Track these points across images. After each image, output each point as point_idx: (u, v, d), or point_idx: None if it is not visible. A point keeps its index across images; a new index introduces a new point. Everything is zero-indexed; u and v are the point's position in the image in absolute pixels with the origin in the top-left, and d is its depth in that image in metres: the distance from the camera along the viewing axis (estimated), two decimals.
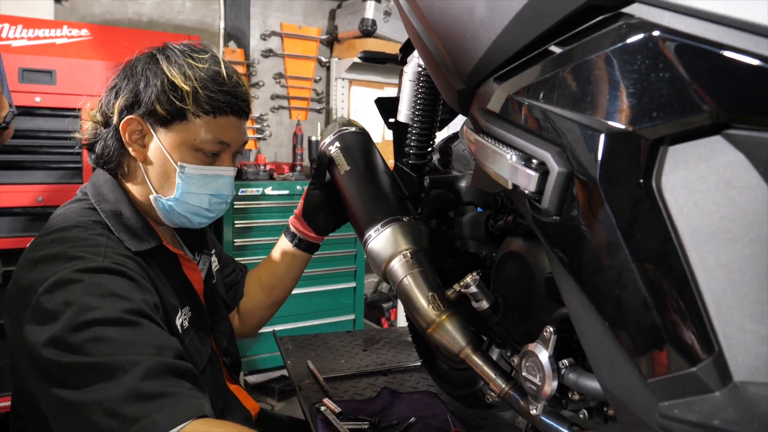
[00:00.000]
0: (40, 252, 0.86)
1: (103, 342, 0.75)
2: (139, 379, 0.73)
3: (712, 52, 0.43)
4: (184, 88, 0.92)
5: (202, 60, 0.96)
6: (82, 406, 0.72)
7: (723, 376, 0.42)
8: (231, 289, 1.31)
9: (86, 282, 0.80)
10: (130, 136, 0.96)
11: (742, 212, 0.43)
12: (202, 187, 0.98)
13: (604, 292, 0.50)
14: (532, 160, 0.56)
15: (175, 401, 0.73)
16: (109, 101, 0.98)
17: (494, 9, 0.61)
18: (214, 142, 0.97)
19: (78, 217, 0.92)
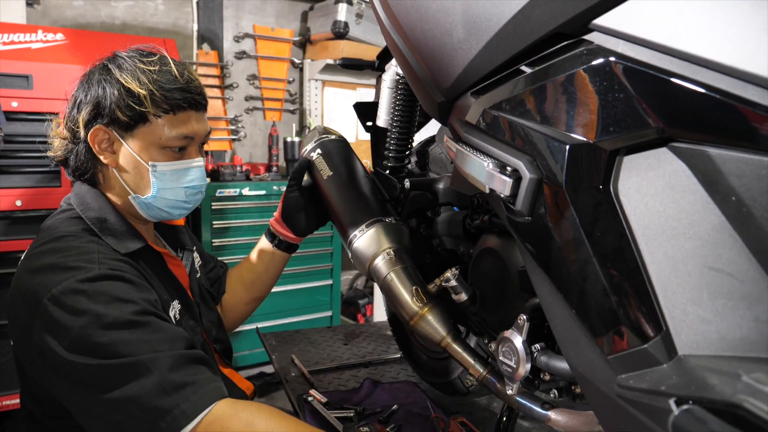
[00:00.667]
0: (38, 261, 0.91)
1: (121, 344, 0.82)
2: (162, 374, 0.80)
3: (658, 77, 0.51)
4: (140, 92, 0.96)
5: (151, 62, 1.00)
6: (114, 404, 0.80)
7: (669, 351, 0.50)
8: (214, 284, 1.36)
9: (90, 291, 0.85)
10: (99, 146, 1.00)
11: (685, 213, 0.51)
12: (176, 181, 1.03)
13: (570, 282, 0.58)
14: (507, 168, 0.63)
15: (197, 389, 0.82)
16: (73, 116, 1.01)
17: (471, 32, 0.68)
18: (179, 137, 1.01)
19: (67, 227, 0.97)
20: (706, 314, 0.49)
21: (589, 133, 0.56)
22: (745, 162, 0.46)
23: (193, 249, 1.25)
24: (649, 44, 0.52)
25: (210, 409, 0.81)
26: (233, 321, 1.38)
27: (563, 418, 0.76)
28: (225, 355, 1.26)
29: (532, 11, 0.60)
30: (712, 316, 0.49)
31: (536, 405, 0.78)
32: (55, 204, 2.20)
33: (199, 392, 0.82)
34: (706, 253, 0.50)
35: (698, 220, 0.50)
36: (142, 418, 0.79)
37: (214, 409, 0.82)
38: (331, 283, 3.17)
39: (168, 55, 1.05)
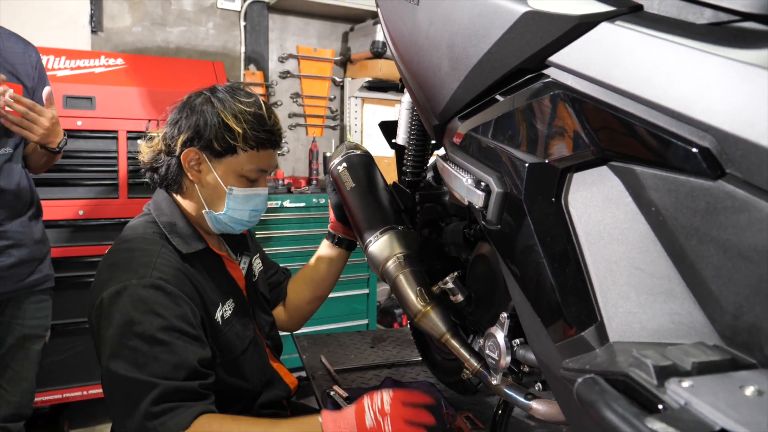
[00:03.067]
0: (113, 258, 1.12)
1: (138, 353, 1.00)
2: (151, 403, 0.98)
3: (597, 108, 0.60)
4: (236, 129, 1.13)
5: (248, 104, 1.16)
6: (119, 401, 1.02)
7: (602, 338, 0.59)
8: (274, 289, 1.52)
9: (135, 297, 1.03)
10: (188, 164, 1.17)
11: (619, 221, 0.60)
12: (245, 204, 1.20)
13: (528, 280, 0.68)
14: (481, 183, 0.74)
15: (175, 415, 0.99)
16: (172, 134, 1.17)
17: (454, 66, 0.79)
18: (257, 170, 1.18)
19: (143, 229, 1.16)
20: (633, 307, 0.58)
21: (544, 154, 0.66)
22: (659, 178, 0.55)
23: (252, 255, 1.41)
24: (590, 79, 0.62)
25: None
26: (298, 320, 1.55)
27: (543, 407, 0.85)
28: (276, 351, 1.42)
29: (499, 50, 0.71)
30: (637, 309, 0.58)
31: (520, 395, 0.87)
32: (113, 214, 2.43)
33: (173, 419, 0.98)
34: (635, 256, 0.59)
35: (629, 228, 0.59)
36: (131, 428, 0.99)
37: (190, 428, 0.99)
38: (367, 292, 3.29)
39: (260, 99, 1.22)
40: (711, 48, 0.51)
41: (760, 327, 0.47)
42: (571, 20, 0.63)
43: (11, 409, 1.78)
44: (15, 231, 1.74)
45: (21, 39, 1.81)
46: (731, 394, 0.42)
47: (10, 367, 1.78)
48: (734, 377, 0.45)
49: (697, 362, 0.47)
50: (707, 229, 0.51)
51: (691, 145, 0.50)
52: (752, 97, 0.46)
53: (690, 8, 0.57)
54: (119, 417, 1.00)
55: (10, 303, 1.77)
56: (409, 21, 0.91)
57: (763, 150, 0.45)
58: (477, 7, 0.74)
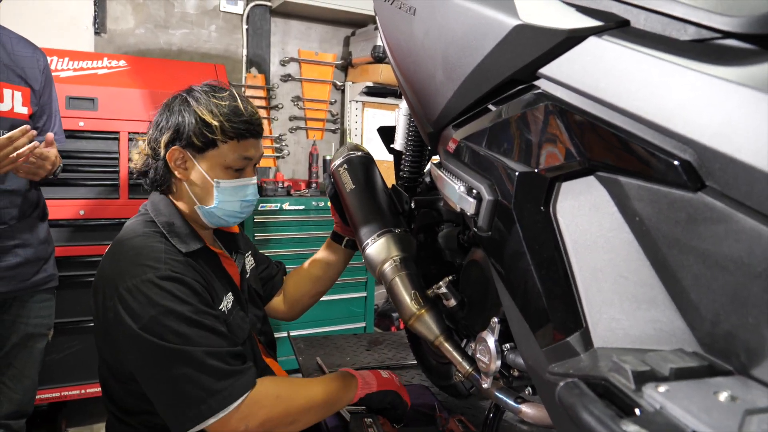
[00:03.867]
0: (118, 255, 1.13)
1: (183, 336, 1.02)
2: (216, 362, 1.02)
3: (584, 119, 0.62)
4: (213, 123, 1.15)
5: (223, 98, 1.20)
6: (173, 379, 1.01)
7: (586, 344, 0.61)
8: (268, 282, 1.55)
9: (160, 287, 1.04)
10: (174, 163, 1.20)
11: (605, 230, 0.62)
12: (234, 195, 1.22)
13: (517, 286, 0.69)
14: (472, 190, 0.76)
15: (241, 377, 1.03)
16: (155, 137, 1.21)
17: (448, 76, 0.81)
18: (240, 159, 1.20)
19: (143, 228, 1.17)
20: (617, 314, 0.60)
21: (534, 163, 0.68)
22: (643, 189, 0.57)
23: (245, 253, 1.43)
24: (579, 92, 0.63)
25: (246, 395, 1.04)
26: (297, 312, 1.59)
27: (533, 411, 0.86)
28: (269, 347, 1.44)
29: (491, 61, 0.73)
30: (621, 316, 0.60)
31: (510, 399, 0.89)
32: (114, 214, 2.45)
33: (241, 380, 1.04)
34: (619, 264, 0.61)
35: (614, 236, 0.61)
36: (195, 394, 1.00)
37: (249, 396, 1.04)
38: (365, 295, 3.30)
39: (234, 91, 1.25)
40: (693, 64, 0.53)
41: (736, 335, 0.49)
42: (561, 34, 0.64)
43: (13, 407, 1.80)
44: (22, 231, 1.76)
45: (30, 44, 1.84)
46: (705, 399, 0.44)
47: (13, 365, 1.80)
48: (710, 383, 0.47)
49: (674, 368, 0.48)
50: (688, 239, 0.52)
51: (673, 158, 0.52)
52: (731, 113, 0.48)
53: (674, 25, 0.58)
54: (177, 390, 1.02)
55: (15, 302, 1.80)
56: (405, 30, 0.93)
57: (740, 164, 0.46)
58: (471, 19, 0.75)
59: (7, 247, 1.73)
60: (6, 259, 1.73)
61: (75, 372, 2.43)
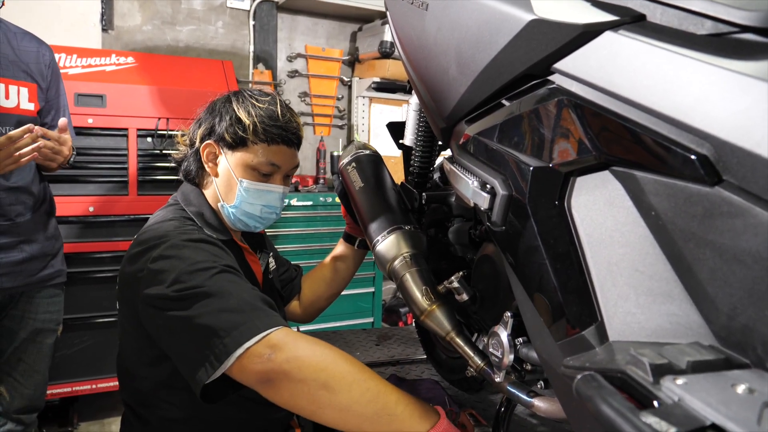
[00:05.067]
0: (147, 235, 1.11)
1: (213, 280, 0.99)
2: (244, 299, 0.97)
3: (600, 114, 0.62)
4: (246, 122, 1.19)
5: (262, 101, 1.23)
6: (201, 315, 0.95)
7: (602, 337, 0.61)
8: (287, 285, 1.57)
9: (189, 247, 1.05)
10: (206, 157, 1.24)
11: (619, 224, 0.62)
12: (256, 199, 1.24)
13: (531, 280, 0.70)
14: (486, 185, 0.76)
15: (268, 314, 0.97)
16: (194, 130, 1.27)
17: (462, 71, 0.81)
18: (267, 164, 1.22)
19: (173, 215, 1.19)
20: (632, 308, 0.60)
21: (549, 158, 0.68)
22: (659, 183, 0.57)
23: (269, 253, 1.45)
24: (594, 86, 0.64)
25: (275, 330, 0.92)
26: (312, 313, 1.61)
27: (545, 405, 0.87)
28: None
29: (505, 56, 0.73)
30: (636, 310, 0.60)
31: (523, 393, 0.89)
32: (123, 211, 2.47)
33: (270, 317, 0.95)
34: (635, 258, 0.61)
35: (629, 231, 0.61)
36: (221, 326, 0.92)
37: (277, 332, 0.92)
38: (373, 290, 3.32)
39: (279, 99, 1.28)
40: (710, 59, 0.53)
41: (753, 328, 0.49)
42: (576, 29, 0.65)
43: (25, 402, 1.81)
44: (28, 227, 1.78)
45: (35, 38, 1.85)
46: (723, 391, 0.44)
47: (23, 360, 1.82)
48: (727, 376, 0.47)
49: (692, 361, 0.49)
50: (704, 233, 0.52)
51: (690, 152, 0.52)
52: (749, 108, 0.48)
53: (691, 19, 0.58)
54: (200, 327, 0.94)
55: (23, 297, 1.81)
56: (417, 26, 0.93)
57: (758, 158, 0.46)
58: (484, 14, 0.76)
59: (13, 242, 1.75)
60: (12, 255, 1.74)
61: (86, 367, 2.45)
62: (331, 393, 0.86)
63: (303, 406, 0.89)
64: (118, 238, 2.49)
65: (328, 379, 0.87)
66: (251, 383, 0.91)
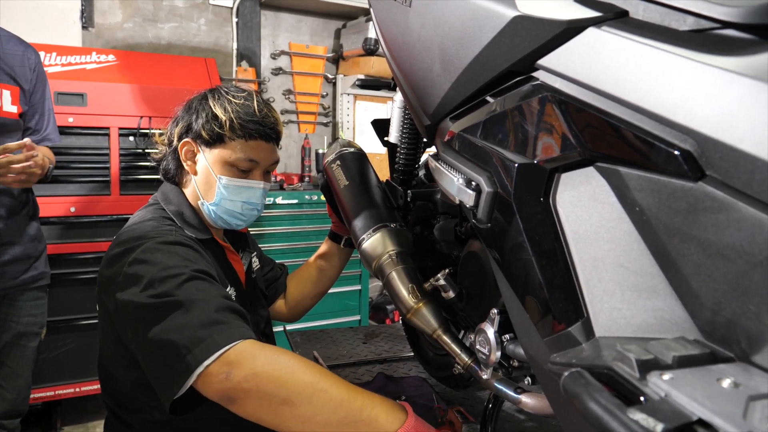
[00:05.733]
0: (125, 236, 1.11)
1: (182, 288, 0.97)
2: (207, 312, 0.94)
3: (584, 110, 0.62)
4: (222, 118, 1.18)
5: (239, 97, 1.22)
6: (167, 330, 0.93)
7: (588, 333, 0.61)
8: (272, 284, 1.56)
9: (163, 251, 1.04)
10: (185, 155, 1.23)
11: (604, 220, 0.62)
12: (236, 196, 1.23)
13: (517, 277, 0.70)
14: (471, 182, 0.76)
15: (231, 328, 0.94)
16: (172, 129, 1.26)
17: (445, 68, 0.81)
18: (246, 160, 1.21)
19: (152, 215, 1.18)
20: (618, 304, 0.60)
21: (533, 155, 0.68)
22: (643, 179, 0.57)
23: (252, 252, 1.44)
24: (577, 82, 0.64)
25: (236, 344, 0.90)
26: (298, 312, 1.60)
27: (532, 401, 0.87)
28: None
29: (489, 53, 0.73)
30: (622, 305, 0.60)
31: (510, 389, 0.89)
32: (105, 211, 2.44)
33: (232, 331, 0.92)
34: (620, 254, 0.61)
35: (614, 227, 0.61)
36: (183, 342, 0.91)
37: (238, 346, 0.90)
38: (359, 288, 3.31)
39: (255, 95, 1.27)
40: (692, 54, 0.53)
41: (737, 322, 0.49)
42: (559, 25, 0.64)
43: (7, 406, 1.79)
44: (10, 229, 1.75)
45: (21, 41, 1.82)
46: (709, 386, 0.45)
47: (6, 364, 1.79)
48: (712, 370, 0.47)
49: (677, 356, 0.49)
50: (688, 228, 0.53)
51: (673, 148, 0.52)
52: (731, 103, 0.48)
53: (673, 15, 0.58)
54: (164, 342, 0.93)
55: (5, 300, 1.78)
56: (401, 23, 0.93)
57: (741, 153, 0.47)
58: (468, 10, 0.75)
59: None
60: None
61: (69, 370, 2.42)
62: (292, 407, 0.86)
63: (267, 420, 0.88)
64: (101, 238, 2.46)
65: (288, 394, 0.86)
66: (214, 400, 0.91)
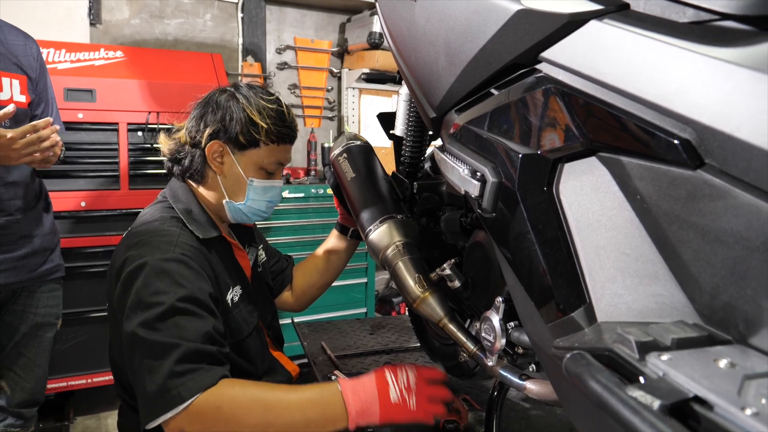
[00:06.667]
0: (133, 239, 1.14)
1: (160, 319, 1.02)
2: (175, 361, 0.99)
3: (586, 101, 0.64)
4: (261, 124, 1.21)
5: (270, 101, 1.25)
6: (144, 370, 1.00)
7: (590, 318, 0.63)
8: (278, 276, 1.59)
9: (159, 270, 1.06)
10: (212, 155, 1.24)
11: (606, 209, 0.64)
12: (263, 196, 1.27)
13: (521, 265, 0.71)
14: (476, 173, 0.77)
15: (195, 377, 0.99)
16: (198, 128, 1.24)
17: (451, 61, 0.82)
18: (276, 163, 1.26)
19: (160, 213, 1.21)
20: (619, 290, 0.62)
21: (537, 145, 0.70)
22: (644, 168, 0.59)
23: (258, 246, 1.47)
24: (580, 74, 0.65)
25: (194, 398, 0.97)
26: (304, 303, 1.64)
27: (537, 387, 0.89)
28: (276, 341, 1.47)
29: (493, 46, 0.74)
30: (623, 291, 0.62)
31: (515, 376, 0.91)
32: (115, 205, 2.47)
33: (194, 380, 0.98)
34: (621, 241, 0.62)
35: (616, 215, 0.63)
36: (153, 389, 0.99)
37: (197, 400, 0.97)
38: (365, 281, 3.33)
39: (279, 97, 1.30)
40: (692, 46, 0.54)
41: (735, 306, 0.51)
42: (562, 18, 0.66)
43: (26, 395, 1.83)
44: (28, 222, 1.79)
45: (21, 32, 1.84)
46: (706, 366, 0.46)
47: (24, 354, 1.83)
48: (710, 352, 0.49)
49: (676, 338, 0.51)
50: (687, 215, 0.54)
51: (673, 137, 0.53)
52: (729, 93, 0.50)
53: (673, 8, 0.60)
54: (141, 380, 1.01)
55: (24, 292, 1.82)
56: (407, 17, 0.94)
57: (738, 142, 0.48)
58: (472, 4, 0.77)
59: (14, 237, 1.76)
60: (13, 250, 1.75)
61: (81, 362, 2.46)
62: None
63: None
64: (111, 232, 2.48)
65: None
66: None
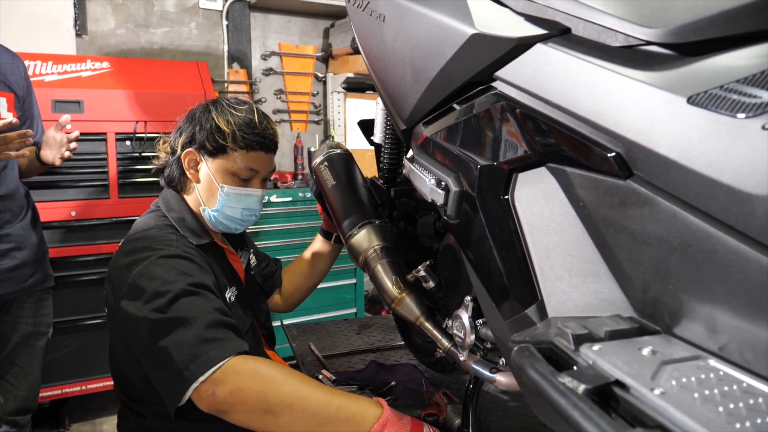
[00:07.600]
0: (131, 246, 1.18)
1: (178, 304, 1.04)
2: (201, 329, 1.02)
3: (534, 117, 0.70)
4: (225, 130, 1.25)
5: (240, 110, 1.29)
6: (167, 346, 1.02)
7: (542, 314, 0.70)
8: (268, 279, 1.64)
9: (164, 265, 1.10)
10: (188, 164, 1.29)
11: (555, 214, 0.70)
12: (236, 203, 1.30)
13: (482, 266, 0.78)
14: (441, 182, 0.84)
15: (224, 343, 1.02)
16: (175, 138, 1.32)
17: (416, 79, 0.89)
18: (246, 169, 1.29)
19: (154, 222, 1.25)
20: (567, 288, 0.68)
21: (493, 157, 0.76)
22: (584, 178, 0.65)
23: (249, 250, 1.52)
24: (528, 92, 0.71)
25: (228, 359, 0.99)
26: (292, 304, 1.69)
27: (506, 379, 0.95)
28: (269, 340, 1.53)
29: (452, 66, 0.81)
30: (570, 289, 0.68)
31: (486, 369, 0.98)
32: (105, 214, 2.51)
33: (225, 346, 1.01)
34: (568, 244, 0.69)
35: (563, 220, 0.70)
36: (180, 359, 1.00)
37: (231, 361, 0.99)
38: (355, 282, 3.39)
39: (255, 107, 1.34)
40: (621, 69, 0.61)
41: (661, 300, 0.58)
42: (511, 42, 0.72)
43: (19, 403, 1.87)
44: (17, 234, 1.83)
45: (8, 50, 1.89)
46: (630, 354, 0.53)
47: (16, 363, 1.87)
48: (637, 341, 0.56)
49: (609, 330, 0.57)
50: (620, 220, 0.61)
51: (606, 150, 0.60)
52: (648, 113, 0.56)
53: (607, 33, 0.66)
54: (165, 358, 1.01)
55: (14, 303, 1.86)
56: (377, 36, 1.00)
57: (658, 156, 0.55)
58: (433, 27, 0.83)
59: (4, 250, 1.80)
60: (3, 262, 1.79)
61: (75, 369, 2.50)
62: (275, 416, 0.97)
63: (255, 427, 1.00)
64: (101, 241, 2.53)
65: (270, 405, 0.97)
66: (207, 411, 1.01)
